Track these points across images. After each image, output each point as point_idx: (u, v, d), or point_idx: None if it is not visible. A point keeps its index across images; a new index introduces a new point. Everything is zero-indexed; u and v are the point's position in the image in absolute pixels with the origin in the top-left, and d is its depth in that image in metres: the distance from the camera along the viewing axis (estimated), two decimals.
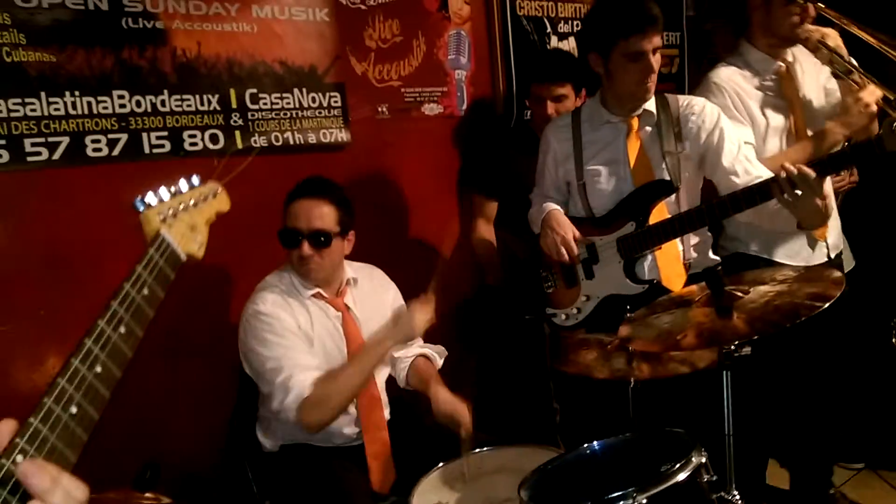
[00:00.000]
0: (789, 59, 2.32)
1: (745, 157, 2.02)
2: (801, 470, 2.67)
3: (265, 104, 2.23)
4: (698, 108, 2.07)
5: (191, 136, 2.10)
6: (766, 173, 1.95)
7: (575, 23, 2.90)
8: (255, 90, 2.21)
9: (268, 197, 2.06)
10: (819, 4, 2.20)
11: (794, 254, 2.34)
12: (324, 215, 1.90)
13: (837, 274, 1.57)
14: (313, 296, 1.98)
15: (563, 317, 2.21)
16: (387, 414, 2.08)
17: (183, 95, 2.08)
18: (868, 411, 3.00)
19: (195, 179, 1.11)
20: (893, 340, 2.65)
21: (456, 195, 2.73)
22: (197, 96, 2.10)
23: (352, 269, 2.09)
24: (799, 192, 1.73)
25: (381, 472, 1.96)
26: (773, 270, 1.66)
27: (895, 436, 2.96)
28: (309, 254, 1.89)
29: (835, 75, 2.27)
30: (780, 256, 2.34)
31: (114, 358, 0.82)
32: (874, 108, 2.12)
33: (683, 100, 2.11)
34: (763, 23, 2.28)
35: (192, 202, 1.06)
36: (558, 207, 2.14)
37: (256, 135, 2.22)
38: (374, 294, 2.11)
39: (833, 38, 2.21)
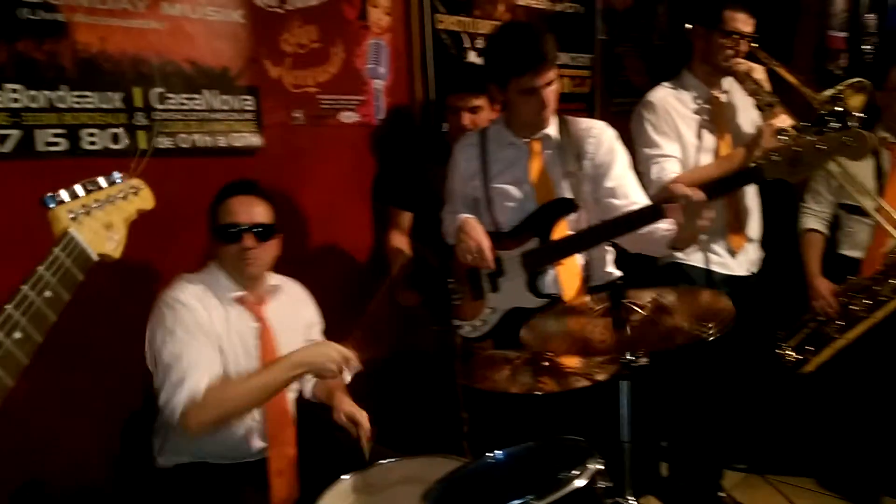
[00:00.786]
0: (725, 88, 2.59)
1: (629, 184, 2.14)
2: (691, 473, 2.81)
3: (173, 104, 2.16)
4: (597, 132, 2.18)
5: (90, 135, 2.00)
6: (644, 201, 2.08)
7: None
8: (162, 89, 2.13)
9: (175, 200, 1.99)
10: (752, 44, 2.46)
11: (724, 265, 2.58)
12: (262, 211, 1.92)
13: (727, 303, 1.66)
14: (237, 299, 1.93)
15: (469, 328, 2.26)
16: (294, 423, 2.04)
17: (83, 92, 1.99)
18: (754, 416, 3.20)
19: (116, 175, 1.06)
20: (779, 352, 2.86)
21: (371, 205, 2.72)
22: (98, 93, 2.01)
23: (275, 279, 2.06)
24: (690, 212, 1.83)
25: (283, 489, 1.92)
26: (666, 290, 1.75)
27: (780, 439, 3.17)
28: (251, 246, 1.88)
29: (758, 107, 2.53)
30: (705, 263, 2.57)
31: (5, 365, 0.77)
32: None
33: (583, 123, 2.21)
34: (702, 52, 2.53)
35: (109, 199, 1.02)
36: (472, 216, 2.19)
37: (162, 136, 2.14)
38: (292, 307, 2.08)
39: (759, 73, 2.47)
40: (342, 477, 1.81)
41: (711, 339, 1.53)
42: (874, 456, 2.90)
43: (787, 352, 2.81)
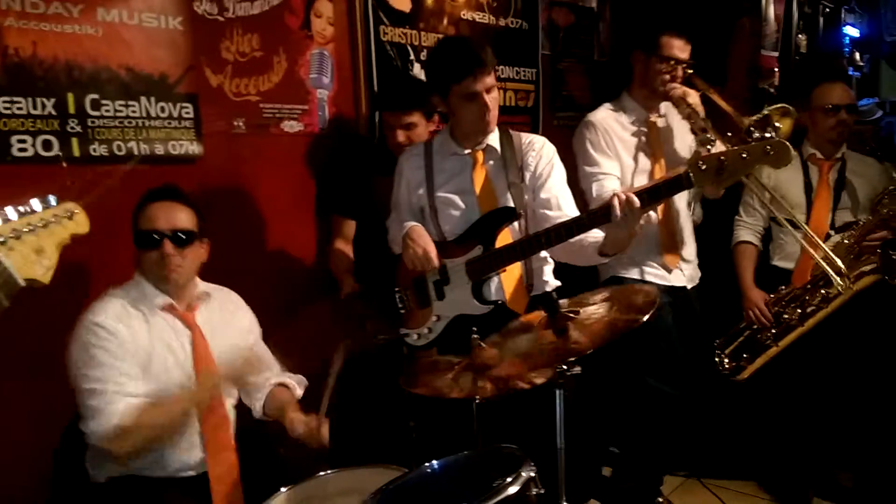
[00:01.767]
0: (662, 112, 2.69)
1: (563, 196, 2.22)
2: (633, 478, 2.86)
3: (108, 111, 2.11)
4: (538, 146, 2.25)
5: (20, 142, 1.94)
6: (574, 213, 2.16)
7: None
8: (96, 96, 2.08)
9: (111, 209, 1.95)
10: (688, 70, 2.58)
11: (661, 277, 2.66)
12: (184, 217, 1.89)
13: (650, 290, 1.72)
14: (164, 308, 1.90)
15: (416, 336, 2.27)
16: (233, 436, 2.01)
17: (13, 97, 1.93)
18: (694, 422, 3.29)
19: (51, 199, 1.03)
20: (716, 359, 2.95)
21: (314, 214, 2.70)
22: (29, 99, 1.96)
23: (204, 286, 2.03)
24: (627, 218, 1.89)
25: (226, 499, 1.89)
26: (592, 293, 1.80)
27: (721, 444, 3.26)
28: (171, 252, 1.85)
29: (692, 131, 2.60)
30: (650, 277, 2.65)
31: None
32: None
33: (526, 137, 2.28)
34: (641, 76, 2.63)
35: (42, 223, 0.99)
36: (418, 224, 2.21)
37: (97, 143, 2.09)
38: (225, 314, 2.05)
39: (693, 97, 2.55)
40: (281, 490, 1.80)
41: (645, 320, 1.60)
42: (804, 457, 3.01)
43: (724, 359, 2.90)
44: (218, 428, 1.93)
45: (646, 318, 1.60)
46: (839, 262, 2.41)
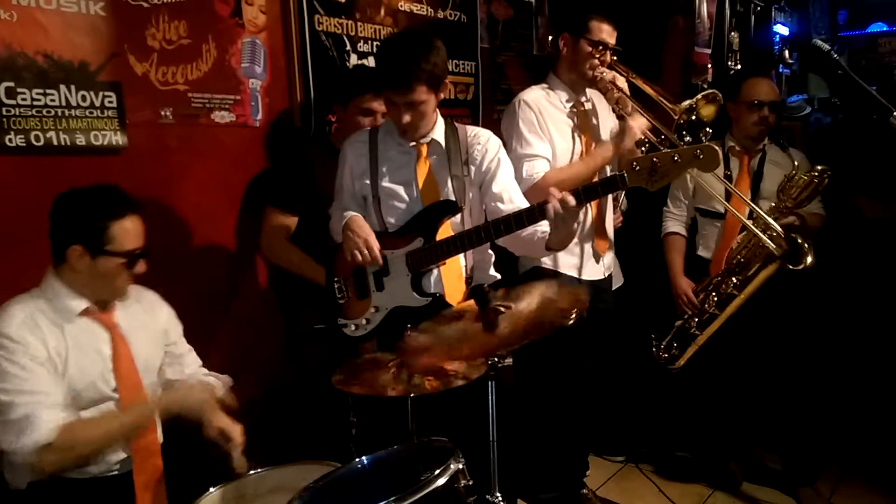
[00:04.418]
0: (587, 97, 2.71)
1: (513, 189, 2.24)
2: (558, 467, 2.90)
3: (24, 100, 2.01)
4: (483, 139, 2.26)
5: None
6: (525, 204, 2.16)
7: (375, 43, 2.95)
8: (11, 84, 1.99)
9: (29, 202, 1.85)
10: (614, 57, 2.60)
11: (578, 268, 2.68)
12: (142, 230, 1.85)
13: (582, 292, 1.75)
14: (81, 313, 1.82)
15: (353, 327, 2.26)
16: (160, 436, 1.96)
17: None
18: (630, 410, 3.37)
19: None
20: (653, 350, 3.02)
21: (245, 205, 2.63)
22: None
23: None
24: (564, 217, 1.91)
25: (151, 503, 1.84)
26: (529, 287, 1.81)
27: (653, 432, 3.35)
28: (143, 271, 1.84)
29: (619, 116, 2.66)
30: (567, 269, 2.67)
31: None
32: (640, 135, 2.53)
33: (471, 130, 2.28)
34: (569, 60, 2.63)
35: None
36: (359, 214, 2.20)
37: (12, 133, 2.00)
38: (144, 313, 1.99)
39: (621, 83, 2.60)
40: (210, 489, 1.77)
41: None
42: (733, 441, 3.12)
43: (660, 350, 2.98)
44: (142, 433, 1.88)
45: (570, 322, 1.62)
46: (771, 221, 2.50)
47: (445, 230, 2.16)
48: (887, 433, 3.19)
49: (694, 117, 2.37)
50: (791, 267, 2.53)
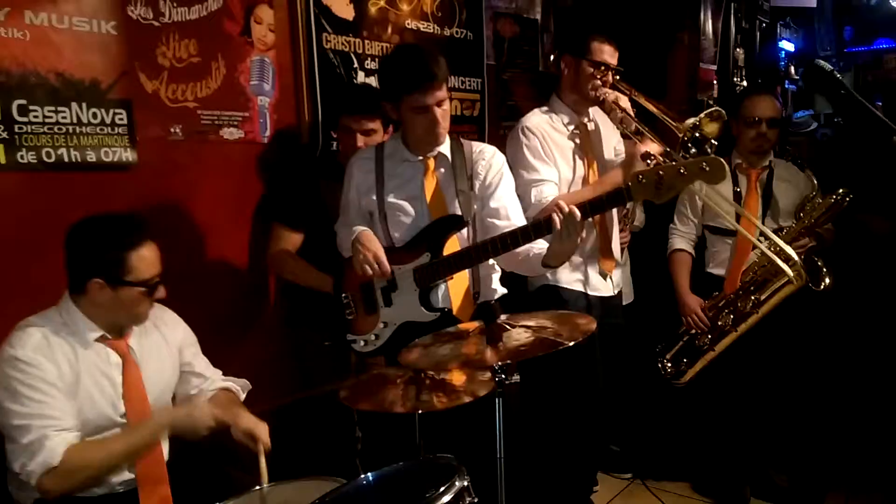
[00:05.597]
0: (590, 117, 2.69)
1: (512, 206, 2.24)
2: (566, 483, 2.88)
3: (36, 117, 2.04)
4: (488, 155, 2.27)
5: None
6: (523, 222, 2.17)
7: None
8: (23, 101, 2.02)
9: (40, 218, 1.87)
10: (616, 77, 2.59)
11: (587, 284, 2.67)
12: (159, 255, 1.85)
13: (589, 321, 1.75)
14: (97, 340, 1.82)
15: (363, 343, 2.27)
16: (166, 454, 1.96)
17: None
18: (638, 427, 3.35)
19: None
20: (658, 364, 3.01)
21: (254, 222, 2.65)
22: None
23: None
24: (566, 229, 1.92)
25: None
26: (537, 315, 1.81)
27: (658, 446, 3.33)
28: (163, 297, 1.85)
29: (624, 136, 2.65)
30: (575, 286, 2.65)
31: None
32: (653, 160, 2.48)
33: (476, 146, 2.29)
34: (571, 81, 2.63)
35: None
36: (367, 228, 2.20)
37: (24, 150, 2.02)
38: (159, 333, 1.99)
39: (624, 102, 2.59)
40: None
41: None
42: (742, 459, 3.09)
43: (665, 364, 2.96)
44: (149, 460, 1.87)
45: (571, 343, 1.62)
46: (789, 250, 2.46)
47: (452, 245, 2.17)
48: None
49: (698, 135, 2.38)
50: (812, 287, 2.53)
